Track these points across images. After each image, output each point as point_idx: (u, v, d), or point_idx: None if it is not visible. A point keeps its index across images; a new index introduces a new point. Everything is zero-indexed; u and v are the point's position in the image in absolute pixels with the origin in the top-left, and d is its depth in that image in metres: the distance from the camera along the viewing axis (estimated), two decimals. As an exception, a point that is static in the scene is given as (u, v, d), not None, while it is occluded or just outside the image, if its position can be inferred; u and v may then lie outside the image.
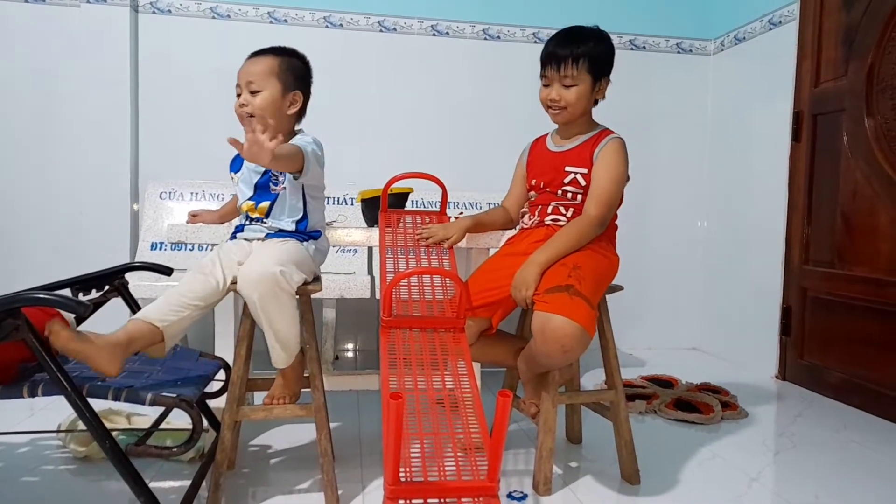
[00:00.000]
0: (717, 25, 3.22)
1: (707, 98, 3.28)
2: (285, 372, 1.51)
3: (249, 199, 1.55)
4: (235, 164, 1.62)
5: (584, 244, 1.53)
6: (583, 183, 1.60)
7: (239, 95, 1.52)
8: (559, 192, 1.62)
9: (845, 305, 2.44)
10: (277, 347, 1.43)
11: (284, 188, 1.52)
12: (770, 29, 2.84)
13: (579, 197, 1.61)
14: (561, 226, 1.59)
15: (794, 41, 2.69)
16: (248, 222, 1.56)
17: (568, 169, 1.61)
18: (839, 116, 2.48)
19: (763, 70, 2.90)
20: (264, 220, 1.54)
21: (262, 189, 1.54)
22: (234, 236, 1.58)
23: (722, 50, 3.20)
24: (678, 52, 3.25)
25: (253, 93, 1.49)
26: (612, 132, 1.64)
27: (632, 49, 3.20)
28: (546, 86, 1.61)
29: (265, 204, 1.53)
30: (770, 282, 2.79)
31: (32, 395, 1.22)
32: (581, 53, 1.54)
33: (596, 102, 1.65)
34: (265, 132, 1.26)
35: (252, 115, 1.50)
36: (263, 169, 1.53)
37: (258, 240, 1.53)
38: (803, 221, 2.65)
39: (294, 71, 1.55)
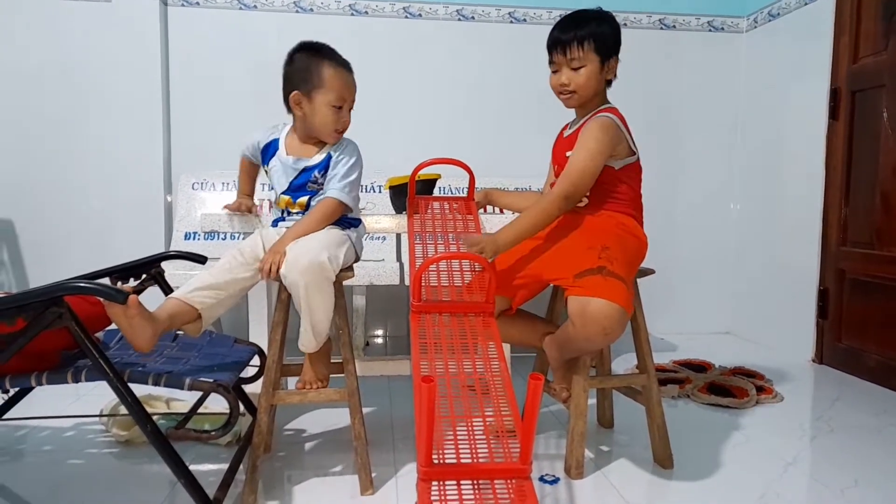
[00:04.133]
0: (749, 2, 3.13)
1: (740, 77, 3.20)
2: (312, 357, 1.53)
3: (285, 193, 1.56)
4: (267, 156, 1.61)
5: (551, 222, 1.52)
6: None
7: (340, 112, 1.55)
8: None
9: (884, 287, 2.37)
10: (310, 333, 1.45)
11: (321, 186, 1.54)
12: (805, 4, 2.75)
13: None
14: (581, 207, 1.60)
15: (830, 16, 2.61)
16: (286, 215, 1.58)
17: (567, 154, 1.61)
18: (878, 93, 2.40)
19: (798, 47, 2.81)
20: (303, 213, 1.55)
21: (299, 188, 1.55)
22: (275, 224, 1.59)
23: (755, 27, 3.12)
24: (709, 31, 3.18)
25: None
26: (607, 111, 1.58)
27: (661, 28, 3.13)
28: (555, 72, 1.60)
29: (304, 199, 1.55)
30: (806, 264, 2.73)
31: (76, 380, 1.26)
32: (585, 35, 1.54)
33: (609, 84, 1.63)
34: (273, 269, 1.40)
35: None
36: (301, 168, 1.54)
37: None
38: (841, 201, 2.58)
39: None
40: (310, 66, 1.51)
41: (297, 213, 1.56)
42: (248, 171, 1.74)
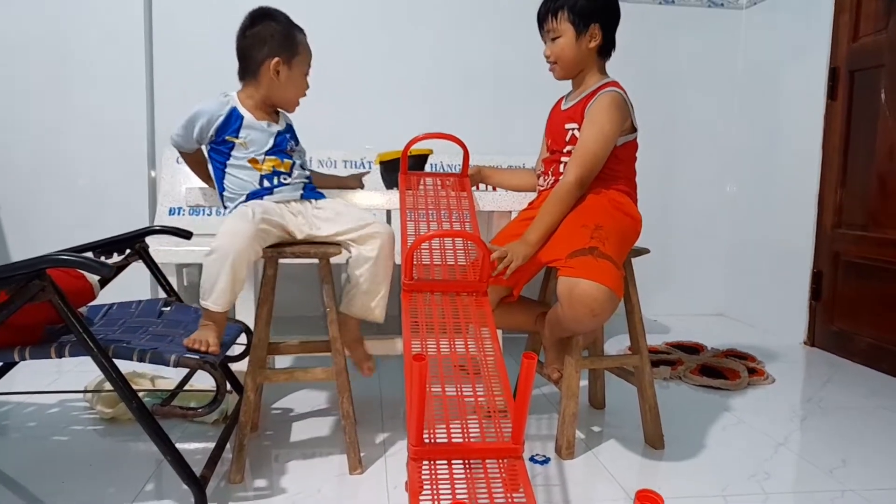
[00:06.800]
0: (750, -21, 3.09)
1: (739, 55, 3.16)
2: (358, 337, 1.61)
3: (270, 153, 1.50)
4: (229, 128, 1.49)
5: (572, 209, 1.51)
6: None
7: None
8: (564, 149, 1.59)
9: (879, 270, 2.37)
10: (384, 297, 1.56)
11: (294, 151, 1.57)
12: (806, -19, 2.71)
13: None
14: None
15: (831, -7, 2.57)
16: (273, 183, 1.50)
17: (567, 126, 1.59)
18: (878, 73, 2.37)
19: (798, 25, 2.77)
20: (290, 174, 1.53)
21: (280, 152, 1.52)
22: (267, 193, 1.51)
23: (755, 3, 3.07)
24: (709, 6, 3.13)
25: None
26: (613, 84, 1.55)
27: (661, 3, 3.08)
28: (545, 45, 1.63)
29: (289, 161, 1.53)
30: (800, 246, 2.72)
31: (60, 355, 1.23)
32: (559, 6, 1.56)
33: (604, 53, 1.60)
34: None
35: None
36: (275, 133, 1.52)
37: (294, 201, 1.52)
38: (837, 183, 2.56)
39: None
40: (287, 32, 1.50)
41: (285, 173, 1.52)
42: (196, 159, 1.63)
